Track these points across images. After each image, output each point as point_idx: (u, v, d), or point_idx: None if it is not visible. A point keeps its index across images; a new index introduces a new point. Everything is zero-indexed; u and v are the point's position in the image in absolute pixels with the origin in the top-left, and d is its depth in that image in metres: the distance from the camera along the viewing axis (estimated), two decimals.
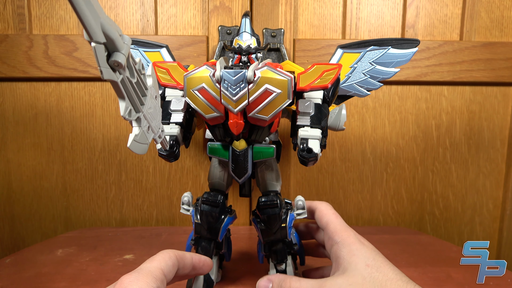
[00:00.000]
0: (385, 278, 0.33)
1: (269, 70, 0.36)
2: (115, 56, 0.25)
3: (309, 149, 0.37)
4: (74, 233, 0.65)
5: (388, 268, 0.34)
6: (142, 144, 0.31)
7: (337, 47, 0.46)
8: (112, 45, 0.25)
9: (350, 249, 0.36)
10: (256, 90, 0.36)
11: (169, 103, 0.43)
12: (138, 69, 0.29)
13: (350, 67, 0.45)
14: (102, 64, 0.24)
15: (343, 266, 0.35)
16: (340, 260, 0.36)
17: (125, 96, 0.27)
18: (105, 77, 0.25)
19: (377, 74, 0.45)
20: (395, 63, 0.44)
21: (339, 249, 0.37)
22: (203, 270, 0.36)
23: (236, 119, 0.37)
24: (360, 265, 0.34)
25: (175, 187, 0.71)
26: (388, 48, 0.44)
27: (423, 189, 0.72)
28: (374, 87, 0.45)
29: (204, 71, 0.37)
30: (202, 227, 0.43)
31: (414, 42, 0.44)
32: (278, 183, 0.45)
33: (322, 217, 0.41)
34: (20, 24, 0.65)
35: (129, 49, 0.26)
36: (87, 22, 0.23)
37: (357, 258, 0.35)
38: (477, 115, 0.70)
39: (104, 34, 0.24)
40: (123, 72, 0.26)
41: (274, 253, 0.44)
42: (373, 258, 0.35)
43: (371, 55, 0.44)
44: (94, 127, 0.69)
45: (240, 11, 0.65)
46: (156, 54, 0.49)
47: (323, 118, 0.39)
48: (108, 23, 0.24)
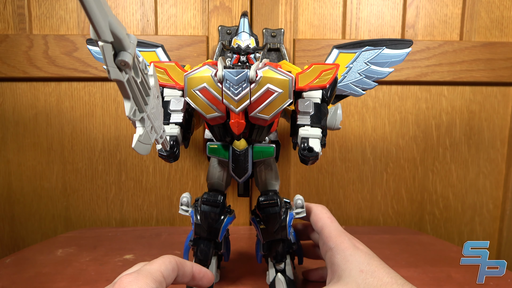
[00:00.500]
0: (380, 283, 0.33)
1: (270, 70, 0.36)
2: (122, 55, 0.25)
3: (310, 148, 0.37)
4: (74, 233, 0.65)
5: (383, 272, 0.34)
6: (146, 145, 0.31)
7: (332, 47, 0.46)
8: (119, 45, 0.24)
9: (344, 255, 0.36)
10: (258, 89, 0.36)
11: (168, 103, 0.43)
12: (142, 68, 0.28)
13: (346, 67, 0.46)
14: (109, 63, 0.24)
15: (338, 273, 0.35)
16: (335, 267, 0.36)
17: (131, 96, 0.27)
18: (112, 77, 0.25)
19: (372, 74, 0.45)
20: (390, 63, 0.45)
21: (333, 256, 0.37)
22: (202, 282, 0.35)
23: (238, 119, 0.37)
24: (354, 271, 0.34)
25: (175, 187, 0.71)
26: (383, 48, 0.45)
27: (423, 189, 0.72)
28: (369, 86, 0.46)
29: (205, 70, 0.37)
30: (202, 228, 0.43)
31: (408, 43, 0.45)
32: (277, 182, 0.45)
33: (317, 221, 0.41)
34: (20, 24, 0.65)
35: (135, 48, 0.26)
36: (96, 21, 0.22)
37: (351, 265, 0.35)
38: (477, 115, 0.70)
39: (112, 33, 0.23)
40: (129, 72, 0.26)
41: (273, 252, 0.44)
42: (367, 263, 0.35)
43: (366, 55, 0.45)
44: (94, 127, 0.69)
45: (240, 11, 0.65)
46: (152, 54, 0.49)
47: (323, 117, 0.39)
48: (116, 22, 0.24)
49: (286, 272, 0.44)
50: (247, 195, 0.48)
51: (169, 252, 0.56)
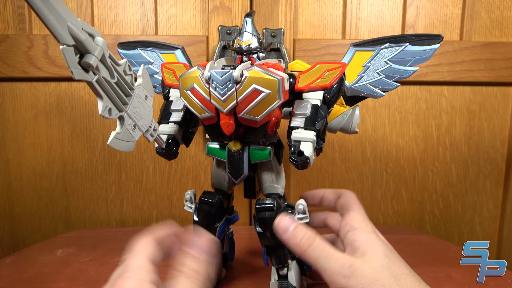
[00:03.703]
0: (401, 272, 0.33)
1: (257, 70, 0.35)
2: (86, 57, 0.26)
3: (300, 152, 0.35)
4: (74, 233, 0.65)
5: (402, 264, 0.35)
6: (127, 142, 0.32)
7: (350, 45, 0.43)
8: (82, 47, 0.26)
9: (369, 237, 0.36)
10: (244, 90, 0.35)
11: (171, 103, 0.43)
12: (123, 70, 0.30)
13: (363, 66, 0.42)
14: (71, 65, 0.26)
15: (361, 249, 0.35)
16: (358, 243, 0.35)
17: (103, 95, 0.28)
18: (77, 78, 0.26)
19: (393, 74, 0.41)
20: (414, 61, 0.41)
21: (356, 234, 0.36)
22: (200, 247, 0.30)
23: (227, 119, 0.37)
24: (379, 252, 0.34)
25: (175, 187, 0.71)
26: (406, 45, 0.40)
27: (423, 189, 0.72)
28: (390, 87, 0.42)
29: (195, 71, 0.37)
30: (200, 226, 0.43)
31: (437, 38, 0.40)
32: (279, 185, 0.43)
33: (345, 204, 0.41)
34: (20, 24, 0.65)
35: (104, 51, 0.27)
36: (52, 26, 0.24)
37: (376, 245, 0.35)
38: (477, 115, 0.70)
39: (72, 36, 0.25)
40: (98, 73, 0.27)
41: (274, 257, 0.43)
42: (389, 251, 0.35)
43: (386, 53, 0.41)
44: (94, 127, 0.69)
45: (240, 11, 0.65)
46: (171, 55, 0.49)
47: (319, 120, 0.37)
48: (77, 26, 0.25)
49: (289, 278, 0.43)
50: (253, 196, 0.47)
51: None
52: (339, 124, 0.44)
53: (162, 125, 0.42)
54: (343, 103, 0.45)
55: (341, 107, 0.44)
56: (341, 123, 0.43)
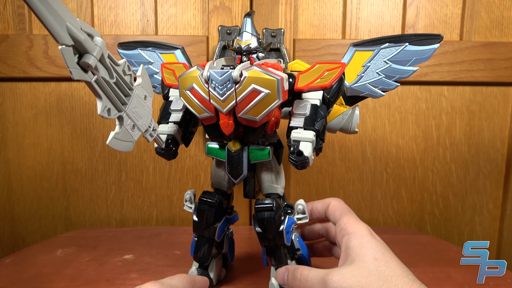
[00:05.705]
0: (391, 274, 0.33)
1: (257, 70, 0.35)
2: (85, 57, 0.26)
3: (299, 152, 0.36)
4: (74, 233, 0.65)
5: (396, 264, 0.35)
6: (126, 142, 0.32)
7: (350, 45, 0.43)
8: (81, 47, 0.26)
9: (361, 241, 0.36)
10: (243, 90, 0.35)
11: (171, 103, 0.43)
12: (123, 70, 0.30)
13: (363, 66, 0.42)
14: (70, 65, 0.26)
15: (351, 257, 0.35)
16: (350, 251, 0.36)
17: (102, 95, 0.29)
18: (75, 78, 0.26)
19: (393, 73, 0.42)
20: (413, 61, 0.41)
21: (350, 240, 0.37)
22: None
23: (226, 119, 0.37)
24: (368, 257, 0.35)
25: (175, 187, 0.71)
26: (405, 45, 0.40)
27: (423, 189, 0.72)
28: (389, 87, 0.42)
29: (194, 71, 0.37)
30: (199, 227, 0.43)
31: (437, 38, 0.40)
32: (278, 185, 0.43)
33: (335, 211, 0.41)
34: (20, 24, 0.65)
35: (103, 51, 0.27)
36: (50, 26, 0.24)
37: (366, 251, 0.35)
38: (477, 115, 0.70)
39: (71, 36, 0.25)
40: (97, 73, 0.28)
41: (273, 257, 0.43)
42: (382, 253, 0.35)
43: (385, 53, 0.41)
44: (94, 127, 0.69)
45: (240, 11, 0.65)
46: (171, 55, 0.49)
47: (318, 120, 0.37)
48: (76, 26, 0.25)
49: None
50: (252, 196, 0.47)
51: (169, 252, 0.56)
52: (339, 124, 0.44)
53: (162, 125, 0.42)
54: (342, 103, 0.45)
55: (340, 107, 0.44)
56: (341, 123, 0.44)
